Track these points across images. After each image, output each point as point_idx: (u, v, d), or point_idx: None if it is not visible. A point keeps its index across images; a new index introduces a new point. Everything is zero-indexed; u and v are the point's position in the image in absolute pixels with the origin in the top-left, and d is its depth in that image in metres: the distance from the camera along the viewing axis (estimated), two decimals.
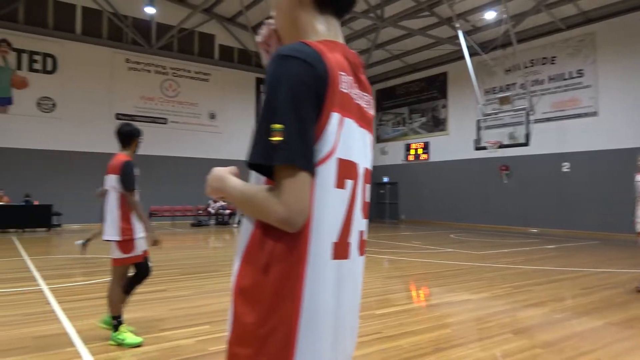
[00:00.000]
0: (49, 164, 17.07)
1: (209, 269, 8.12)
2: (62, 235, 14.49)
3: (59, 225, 16.63)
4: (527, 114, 13.67)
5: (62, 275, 7.18)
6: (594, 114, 15.80)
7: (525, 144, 13.74)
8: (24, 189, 16.13)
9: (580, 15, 16.12)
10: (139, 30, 19.31)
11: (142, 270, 4.06)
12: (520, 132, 14.01)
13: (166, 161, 19.17)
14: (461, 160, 19.52)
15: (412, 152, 22.17)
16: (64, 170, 17.28)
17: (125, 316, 4.15)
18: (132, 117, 18.97)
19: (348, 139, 1.04)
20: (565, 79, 16.66)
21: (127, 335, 3.79)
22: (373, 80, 24.15)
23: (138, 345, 3.79)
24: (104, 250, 10.09)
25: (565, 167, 16.27)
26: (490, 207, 18.50)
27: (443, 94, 21.06)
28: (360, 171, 1.10)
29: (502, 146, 14.53)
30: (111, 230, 3.89)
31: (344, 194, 1.05)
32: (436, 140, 21.12)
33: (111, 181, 4.00)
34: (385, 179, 23.11)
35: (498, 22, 16.98)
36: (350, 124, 1.05)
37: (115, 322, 3.82)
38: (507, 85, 18.19)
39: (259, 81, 22.50)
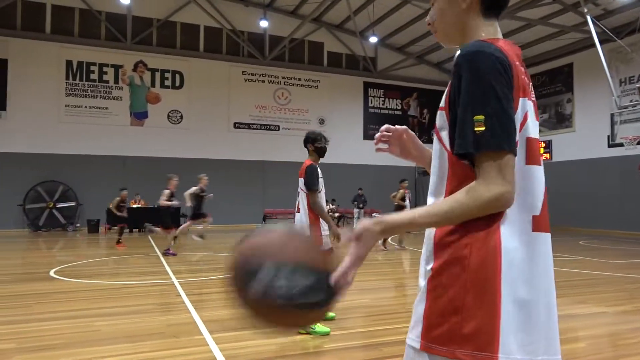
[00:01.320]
0: (177, 170, 18.82)
1: None
2: (188, 235, 15.87)
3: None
4: None
5: (190, 271, 7.84)
6: None
7: None
8: (157, 193, 17.99)
9: None
10: (253, 44, 20.54)
11: None
12: None
13: (278, 166, 20.07)
14: (590, 160, 17.61)
15: None
16: (188, 175, 18.94)
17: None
18: (248, 126, 20.23)
19: (532, 119, 1.13)
20: None
21: (317, 325, 4.09)
22: None
23: (326, 334, 4.08)
24: (225, 248, 10.86)
25: None
26: (627, 210, 16.39)
27: (568, 88, 19.21)
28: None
29: None
30: None
31: (539, 171, 1.13)
32: (560, 138, 19.31)
33: (300, 183, 4.49)
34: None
35: (636, 3, 15.05)
36: (531, 106, 1.14)
37: None
38: None
39: (366, 85, 22.60)
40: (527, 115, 1.11)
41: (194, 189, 10.58)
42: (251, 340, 3.92)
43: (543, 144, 19.96)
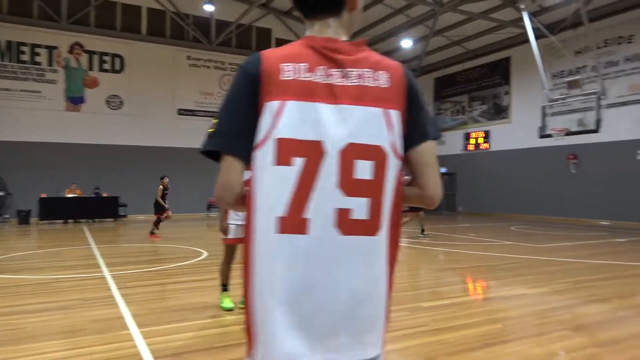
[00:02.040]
0: (116, 158, 18.13)
1: None
2: (128, 225, 15.40)
3: (125, 216, 17.68)
4: (599, 99, 12.70)
5: (125, 263, 7.61)
6: None
7: (595, 131, 12.79)
8: (94, 182, 17.29)
9: None
10: (199, 28, 19.98)
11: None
12: (590, 118, 13.06)
13: None
14: (524, 149, 18.56)
15: (472, 141, 21.36)
16: (129, 163, 18.29)
17: (183, 301, 4.33)
18: (192, 112, 19.72)
19: (298, 120, 1.08)
20: None
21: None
22: (430, 69, 23.47)
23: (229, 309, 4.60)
24: (168, 240, 10.65)
25: None
26: (556, 198, 17.46)
27: (506, 80, 20.07)
28: (328, 147, 1.08)
29: (569, 133, 13.63)
30: None
31: (290, 171, 1.07)
32: (498, 129, 20.20)
33: None
34: (443, 170, 22.44)
35: (567, 1, 15.87)
36: (302, 105, 1.09)
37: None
38: (577, 68, 17.00)
39: None
40: (280, 116, 1.08)
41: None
42: (180, 334, 3.88)
43: (482, 134, 20.85)
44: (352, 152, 1.09)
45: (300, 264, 1.07)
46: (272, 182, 1.08)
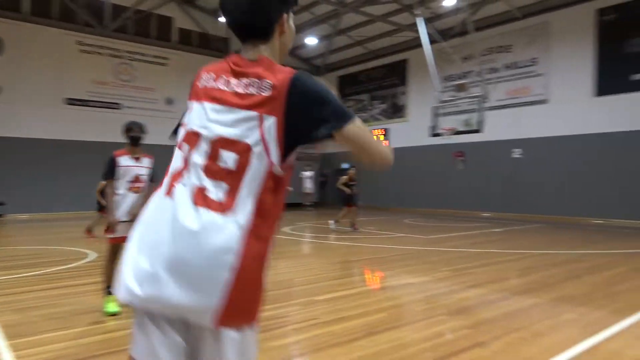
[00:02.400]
0: None
1: None
2: (7, 226, 13.94)
3: (1, 216, 15.88)
4: (481, 102, 13.95)
5: (3, 268, 6.91)
6: (545, 101, 16.31)
7: (478, 131, 14.06)
8: None
9: (536, 4, 16.49)
10: (91, 11, 18.53)
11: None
12: (474, 119, 14.30)
13: (121, 147, 18.60)
14: (419, 147, 19.82)
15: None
16: (7, 157, 16.52)
17: (62, 308, 4.02)
18: (84, 102, 18.30)
19: (194, 116, 1.41)
20: (519, 67, 17.09)
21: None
22: (334, 67, 24.10)
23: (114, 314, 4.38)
24: (48, 241, 9.81)
25: (516, 153, 16.80)
26: (446, 192, 18.93)
27: (403, 81, 21.24)
28: (205, 139, 1.35)
29: (456, 133, 14.82)
30: None
31: (179, 152, 1.41)
32: (396, 127, 21.34)
33: None
34: (345, 165, 23.22)
35: (457, 10, 17.17)
36: (201, 105, 1.41)
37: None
38: (465, 72, 18.49)
39: None
40: (189, 112, 1.45)
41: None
42: (56, 343, 3.63)
43: (382, 131, 21.89)
44: (220, 144, 1.32)
45: (154, 216, 1.35)
46: (174, 159, 1.43)
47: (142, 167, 4.68)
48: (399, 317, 4.54)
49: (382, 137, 21.96)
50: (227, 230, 1.25)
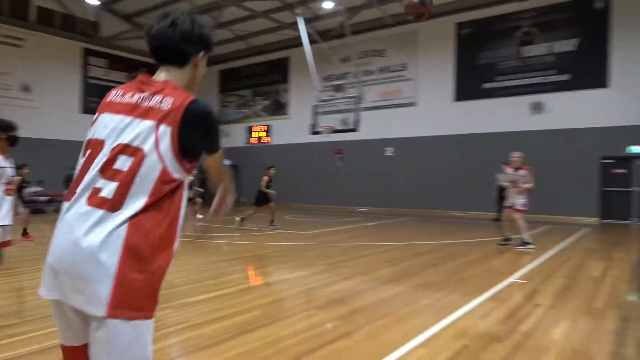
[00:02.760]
0: None
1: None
2: None
3: None
4: (357, 102, 14.69)
5: None
6: (414, 104, 17.72)
7: (354, 130, 14.79)
8: None
9: (406, 13, 17.76)
10: None
11: None
12: (351, 118, 15.01)
13: None
14: (301, 144, 20.25)
15: (255, 135, 22.29)
16: None
17: None
18: None
19: (99, 126, 1.57)
20: (391, 71, 18.31)
21: None
22: (215, 60, 23.52)
23: None
24: None
25: (389, 151, 18.03)
26: (326, 188, 19.62)
27: (285, 79, 21.49)
28: (107, 145, 1.50)
29: (335, 131, 15.43)
30: None
31: (82, 159, 1.56)
32: (278, 124, 21.54)
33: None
34: (227, 162, 22.85)
35: (335, 13, 17.80)
36: (105, 117, 1.58)
37: None
38: (343, 74, 19.30)
39: (86, 52, 20.23)
40: (94, 123, 1.61)
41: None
42: None
43: (264, 128, 21.93)
44: (119, 150, 1.48)
45: (59, 224, 1.49)
46: (78, 167, 1.56)
47: (13, 167, 4.35)
48: (273, 314, 4.58)
49: (264, 134, 22.02)
50: (110, 225, 1.40)
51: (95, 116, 1.61)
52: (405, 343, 3.67)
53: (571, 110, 14.72)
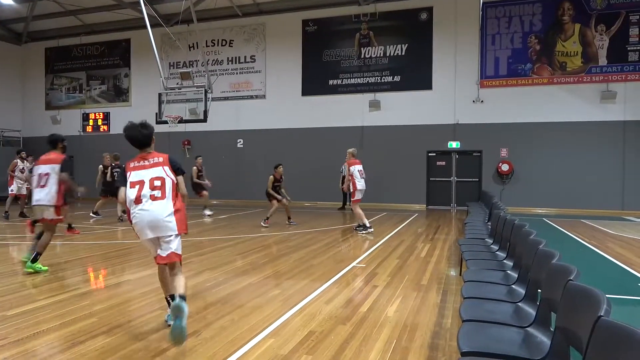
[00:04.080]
0: None
1: None
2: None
3: None
4: (206, 92, 14.24)
5: None
6: (263, 96, 17.87)
7: (204, 120, 14.35)
8: None
9: (253, 5, 17.73)
10: None
11: None
12: (200, 108, 14.48)
13: None
14: None
15: (91, 122, 20.15)
16: None
17: None
18: None
19: (132, 175, 3.85)
20: (241, 63, 18.16)
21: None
22: (39, 36, 20.67)
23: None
24: None
25: (240, 143, 17.94)
26: None
27: (126, 62, 19.81)
28: (147, 180, 3.82)
29: (182, 121, 14.75)
30: None
31: (133, 189, 3.81)
32: (118, 111, 19.78)
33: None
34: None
35: None
36: (135, 171, 3.87)
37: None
38: (191, 61, 18.52)
39: None
40: (129, 175, 3.89)
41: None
42: None
43: (102, 115, 19.98)
44: (153, 180, 3.82)
45: (141, 212, 3.77)
46: (129, 191, 3.82)
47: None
48: (112, 320, 4.19)
49: (100, 122, 20.04)
50: (167, 205, 3.78)
51: (128, 174, 3.88)
52: (255, 335, 3.69)
53: (402, 108, 16.39)
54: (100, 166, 12.30)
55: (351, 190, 9.89)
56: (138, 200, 3.71)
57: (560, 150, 14.91)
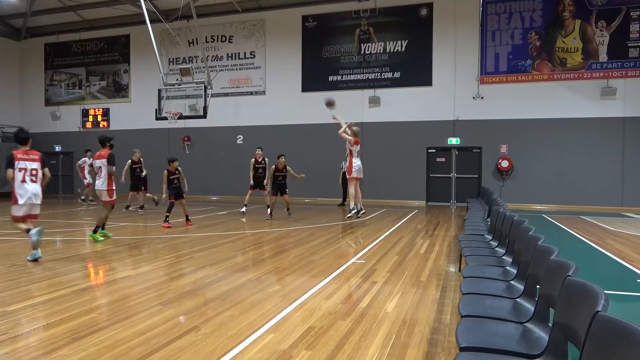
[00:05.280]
0: None
1: None
2: None
3: None
4: (205, 88, 14.20)
5: None
6: (263, 93, 17.84)
7: (203, 117, 14.33)
8: None
9: (253, 1, 17.68)
10: None
11: None
12: (200, 104, 14.45)
13: None
14: (144, 130, 18.91)
15: (91, 118, 20.13)
16: None
17: None
18: None
19: (18, 164, 6.52)
20: (240, 59, 18.13)
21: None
22: (38, 32, 20.62)
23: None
24: None
25: (239, 139, 17.93)
26: None
27: (125, 58, 19.77)
28: (28, 168, 6.47)
29: (182, 117, 14.73)
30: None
31: (19, 173, 6.49)
32: (117, 107, 19.77)
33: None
34: (57, 148, 20.32)
35: None
36: (20, 161, 6.51)
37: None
38: (191, 57, 18.49)
39: None
40: (16, 165, 6.59)
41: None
42: None
43: (101, 111, 19.95)
44: (34, 169, 6.64)
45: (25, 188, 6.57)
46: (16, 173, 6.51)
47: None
48: (112, 315, 4.21)
49: (100, 118, 20.02)
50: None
51: (17, 164, 6.53)
52: (254, 330, 3.70)
53: (402, 105, 16.37)
54: (129, 161, 13.15)
55: (346, 167, 10.16)
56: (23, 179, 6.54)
57: (560, 146, 14.90)
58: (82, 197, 15.99)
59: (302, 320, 3.97)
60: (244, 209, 12.54)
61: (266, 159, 12.35)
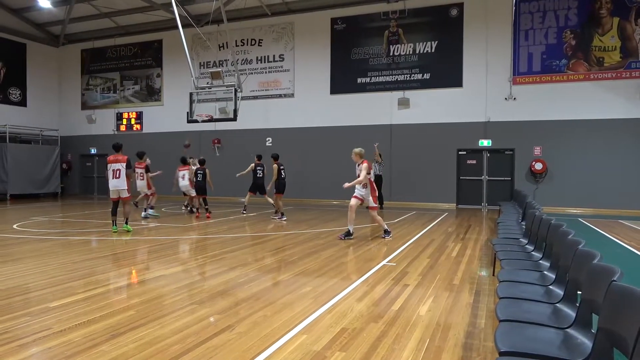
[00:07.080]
0: None
1: None
2: None
3: None
4: (235, 91, 14.40)
5: None
6: (292, 95, 17.95)
7: (233, 119, 14.53)
8: None
9: (282, 4, 17.84)
10: None
11: None
12: (230, 107, 14.66)
13: None
14: (176, 133, 19.31)
15: (124, 121, 20.68)
16: None
17: None
18: None
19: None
20: (269, 62, 18.31)
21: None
22: (77, 39, 21.32)
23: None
24: None
25: (269, 141, 18.08)
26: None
27: (158, 63, 20.25)
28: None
29: (212, 120, 14.98)
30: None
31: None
32: (150, 111, 20.25)
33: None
34: (93, 151, 20.96)
35: None
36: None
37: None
38: (221, 61, 18.78)
39: None
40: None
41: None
42: None
43: (135, 114, 20.47)
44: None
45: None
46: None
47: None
48: (148, 313, 4.31)
49: (134, 121, 20.54)
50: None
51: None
52: (288, 331, 3.73)
53: (432, 106, 16.19)
54: (193, 167, 13.47)
55: (360, 191, 9.46)
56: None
57: (597, 148, 14.45)
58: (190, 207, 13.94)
59: (334, 322, 3.97)
60: (279, 213, 12.26)
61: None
